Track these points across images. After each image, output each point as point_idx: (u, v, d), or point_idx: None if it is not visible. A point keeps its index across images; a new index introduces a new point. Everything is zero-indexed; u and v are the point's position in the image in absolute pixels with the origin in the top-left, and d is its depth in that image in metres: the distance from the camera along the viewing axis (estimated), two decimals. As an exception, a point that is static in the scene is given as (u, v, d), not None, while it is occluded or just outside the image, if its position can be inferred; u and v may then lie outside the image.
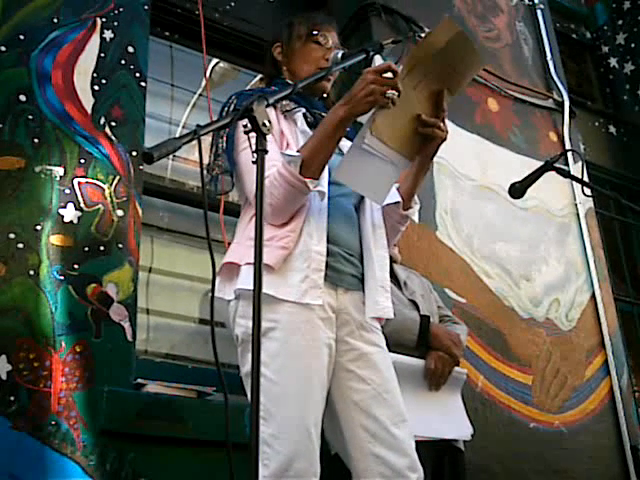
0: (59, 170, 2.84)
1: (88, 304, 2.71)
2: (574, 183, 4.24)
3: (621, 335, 4.20)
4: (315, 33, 2.01)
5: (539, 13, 4.94)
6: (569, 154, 4.34)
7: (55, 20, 3.08)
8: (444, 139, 1.85)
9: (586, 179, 3.35)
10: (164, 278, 3.26)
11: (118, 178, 2.97)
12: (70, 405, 2.53)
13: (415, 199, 2.00)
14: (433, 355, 2.48)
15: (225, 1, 3.85)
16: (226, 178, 1.90)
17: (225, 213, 3.18)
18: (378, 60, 1.98)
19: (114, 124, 3.05)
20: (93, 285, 2.75)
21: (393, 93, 1.66)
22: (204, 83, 3.61)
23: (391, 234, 2.00)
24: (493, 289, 3.70)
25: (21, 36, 2.96)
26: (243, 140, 1.79)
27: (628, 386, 4.00)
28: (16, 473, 2.36)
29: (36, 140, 2.83)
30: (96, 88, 3.06)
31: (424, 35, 3.84)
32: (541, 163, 2.48)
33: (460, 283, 3.57)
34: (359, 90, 1.67)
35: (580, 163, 4.13)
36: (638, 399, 4.43)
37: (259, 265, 1.36)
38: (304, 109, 1.96)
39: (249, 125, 1.44)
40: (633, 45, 6.01)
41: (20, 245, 2.66)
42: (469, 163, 3.97)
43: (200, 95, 3.73)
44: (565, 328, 3.90)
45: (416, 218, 2.03)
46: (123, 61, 3.19)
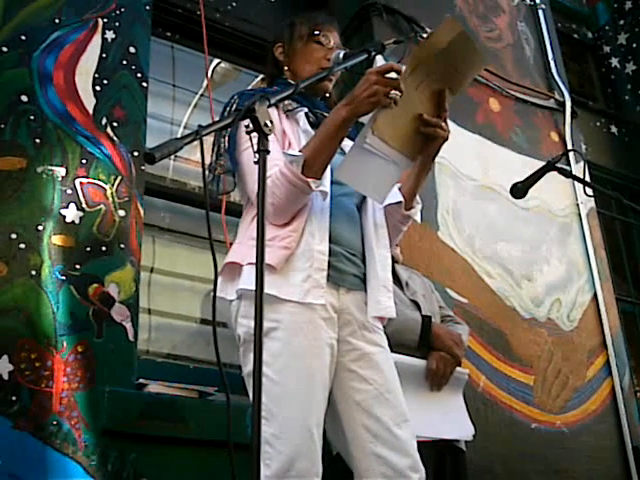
0: (61, 170, 2.85)
1: (90, 304, 2.72)
2: (576, 183, 4.25)
3: (623, 335, 4.20)
4: (317, 33, 2.01)
5: (540, 13, 4.94)
6: (571, 154, 4.34)
7: (57, 20, 3.08)
8: (446, 139, 1.84)
9: (588, 179, 3.34)
10: (166, 278, 3.26)
11: (120, 178, 2.97)
12: (72, 405, 2.53)
13: (417, 199, 1.99)
14: (435, 355, 2.48)
15: (226, 1, 3.85)
16: (228, 178, 1.90)
17: (227, 213, 3.18)
18: (380, 60, 1.97)
19: (116, 124, 3.05)
20: (95, 285, 2.75)
21: (396, 93, 1.66)
22: (205, 83, 3.61)
23: (393, 234, 2.00)
24: (495, 289, 3.70)
25: (23, 36, 2.97)
26: (245, 140, 1.78)
27: (630, 386, 3.99)
28: (17, 473, 2.37)
29: (38, 140, 2.84)
30: (98, 88, 3.07)
31: (426, 35, 3.84)
32: (543, 163, 2.47)
33: (462, 283, 3.57)
34: (362, 91, 1.66)
35: (582, 163, 4.14)
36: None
37: (261, 265, 1.35)
38: (306, 109, 1.96)
39: (251, 125, 1.44)
40: (635, 45, 6.01)
41: (22, 245, 2.66)
42: (471, 163, 3.97)
43: (201, 95, 3.73)
44: (567, 328, 3.90)
45: (418, 218, 2.03)
46: (125, 61, 3.19)
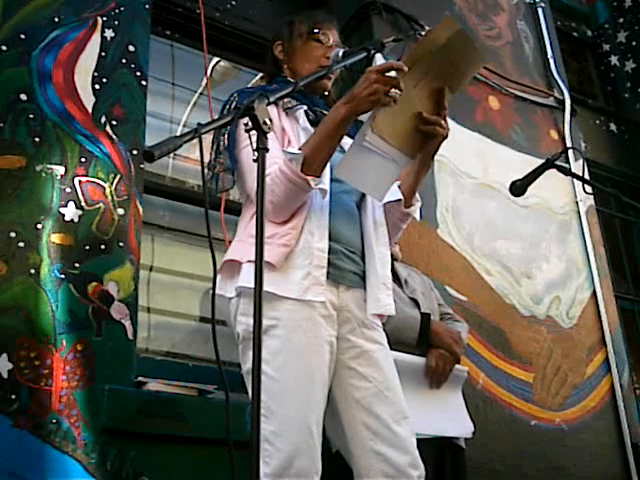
0: (60, 169, 2.84)
1: (89, 303, 2.72)
2: (575, 181, 4.25)
3: (622, 332, 4.20)
4: (316, 31, 2.01)
5: (540, 11, 4.94)
6: (570, 152, 4.35)
7: (56, 19, 3.08)
8: (445, 137, 1.85)
9: (587, 177, 3.35)
10: (165, 276, 3.26)
11: (119, 177, 2.97)
12: (71, 403, 2.53)
13: (416, 197, 2.00)
14: (434, 353, 2.48)
15: (226, 0, 3.85)
16: (227, 176, 1.90)
17: (226, 211, 3.18)
18: (379, 59, 1.97)
19: (115, 123, 3.05)
20: (94, 284, 2.75)
21: (396, 92, 1.66)
22: (205, 82, 3.60)
23: (392, 232, 2.00)
24: (494, 287, 3.71)
25: (22, 35, 2.96)
26: (244, 138, 1.77)
27: (629, 383, 4.00)
28: (17, 471, 2.36)
29: (37, 139, 2.83)
30: (97, 87, 3.06)
31: (424, 33, 3.84)
32: (542, 161, 2.48)
33: (461, 281, 3.57)
34: (362, 89, 1.66)
35: (581, 161, 4.14)
36: (639, 396, 4.43)
37: (260, 263, 1.36)
38: (305, 106, 1.96)
39: (250, 123, 1.44)
40: (634, 43, 6.01)
41: (21, 244, 2.66)
42: (470, 161, 3.97)
43: (201, 94, 3.73)
44: (566, 325, 3.90)
45: (417, 216, 2.03)
46: (124, 60, 3.19)
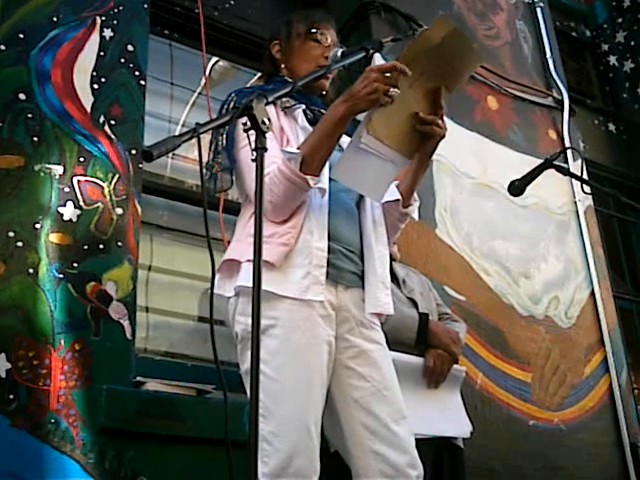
0: (58, 168, 2.84)
1: (87, 302, 2.71)
2: (573, 181, 4.24)
3: (620, 332, 4.21)
4: (314, 31, 2.01)
5: (539, 11, 4.94)
6: (568, 152, 4.35)
7: (55, 19, 3.07)
8: (443, 136, 1.85)
9: (585, 177, 3.34)
10: (163, 276, 3.26)
11: (117, 176, 2.97)
12: (69, 403, 2.52)
13: (415, 196, 2.00)
14: (432, 353, 2.48)
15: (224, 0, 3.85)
16: (225, 176, 1.90)
17: (225, 211, 3.17)
18: (378, 58, 1.97)
19: (113, 122, 3.04)
20: (92, 283, 2.75)
21: (396, 91, 1.66)
22: (204, 82, 3.60)
23: (391, 232, 2.00)
24: (492, 287, 3.71)
25: (20, 35, 2.96)
26: (243, 138, 1.77)
27: (627, 383, 4.00)
28: (15, 471, 2.36)
29: (35, 139, 2.83)
30: (95, 87, 3.06)
31: (418, 33, 3.84)
32: (541, 161, 2.48)
33: (459, 281, 3.57)
34: (361, 87, 1.66)
35: (580, 161, 4.13)
36: (637, 397, 4.43)
37: (258, 262, 1.36)
38: (304, 106, 1.96)
39: (249, 123, 1.44)
40: (633, 43, 6.01)
41: (19, 243, 2.66)
42: (469, 161, 3.97)
43: (200, 94, 3.73)
44: (564, 325, 3.90)
45: (416, 216, 2.03)
46: (123, 60, 3.19)
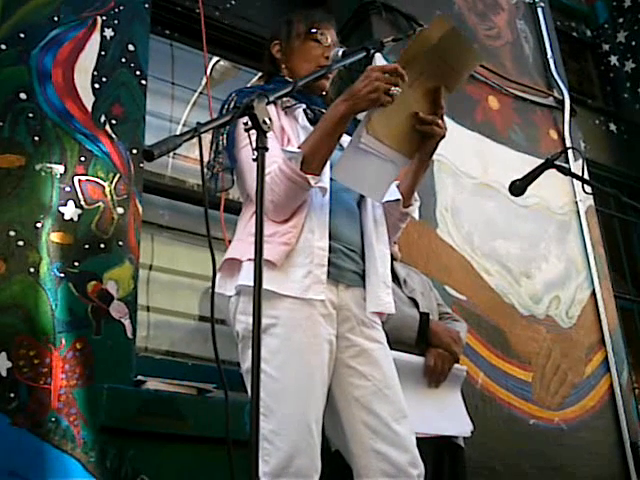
0: (59, 168, 2.84)
1: (88, 301, 2.72)
2: (574, 181, 4.25)
3: (621, 332, 4.21)
4: (314, 31, 2.01)
5: (540, 11, 4.95)
6: (569, 152, 4.35)
7: (55, 18, 3.08)
8: (443, 136, 1.85)
9: (586, 177, 3.35)
10: (164, 275, 3.26)
11: (118, 176, 2.97)
12: (70, 402, 2.53)
13: (415, 196, 2.00)
14: (433, 352, 2.48)
15: (225, -1, 3.85)
16: (226, 176, 1.90)
17: (226, 211, 3.18)
18: (379, 58, 1.97)
19: (114, 122, 3.05)
20: (93, 282, 2.75)
21: (397, 90, 1.66)
22: (204, 81, 3.60)
23: (392, 231, 2.00)
24: (493, 286, 3.71)
25: (21, 34, 2.96)
26: (244, 137, 1.77)
27: (628, 383, 4.00)
28: (16, 470, 2.36)
29: (36, 138, 2.83)
30: (96, 86, 3.06)
31: (417, 32, 3.84)
32: (541, 161, 2.48)
33: (460, 280, 3.57)
34: (362, 86, 1.66)
35: (580, 161, 4.14)
36: (638, 396, 4.43)
37: (259, 262, 1.36)
38: (304, 105, 1.96)
39: (250, 123, 1.44)
40: (634, 43, 6.01)
41: (20, 243, 2.66)
42: (470, 161, 3.97)
43: (200, 93, 3.73)
44: (565, 325, 3.90)
45: (416, 215, 2.03)
46: (123, 59, 3.19)
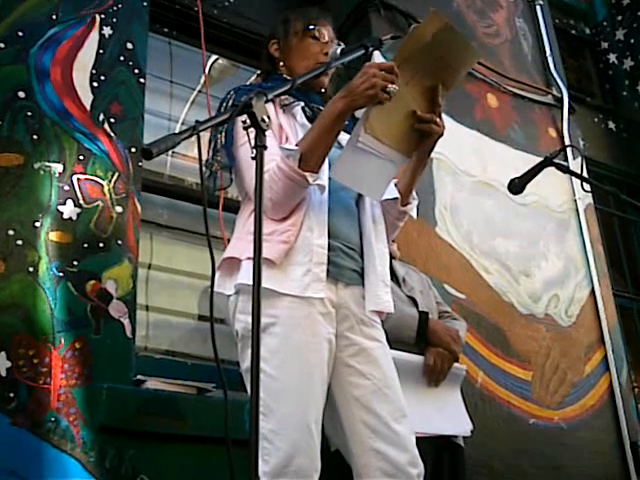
0: (58, 167, 2.84)
1: (87, 300, 2.71)
2: (573, 179, 4.25)
3: (620, 331, 4.21)
4: (311, 28, 2.01)
5: (538, 9, 4.94)
6: (568, 150, 4.34)
7: (54, 17, 3.07)
8: (441, 135, 1.84)
9: (585, 175, 3.34)
10: (163, 275, 3.26)
11: (117, 175, 2.97)
12: (70, 402, 2.53)
13: (413, 195, 1.99)
14: (432, 351, 2.47)
15: (224, -3, 3.85)
16: (225, 174, 1.89)
17: (224, 209, 3.17)
18: (377, 56, 1.97)
19: (113, 120, 3.04)
20: (92, 282, 2.75)
21: (395, 88, 1.65)
22: (203, 80, 3.60)
23: (390, 230, 2.00)
24: (492, 285, 3.71)
25: (20, 33, 2.96)
26: (242, 135, 1.76)
27: (627, 382, 4.00)
28: (15, 469, 2.36)
29: (35, 137, 2.83)
30: (95, 84, 3.06)
31: (411, 29, 3.83)
32: (540, 159, 2.48)
33: (459, 279, 3.57)
34: (360, 83, 1.65)
35: (579, 159, 4.14)
36: (638, 395, 4.43)
37: (258, 260, 1.35)
38: (302, 103, 1.95)
39: (248, 121, 1.44)
40: (632, 41, 6.00)
41: (19, 242, 2.66)
42: (469, 159, 3.97)
43: (199, 92, 3.72)
44: (564, 324, 3.90)
45: (414, 214, 2.03)
46: (122, 57, 3.19)
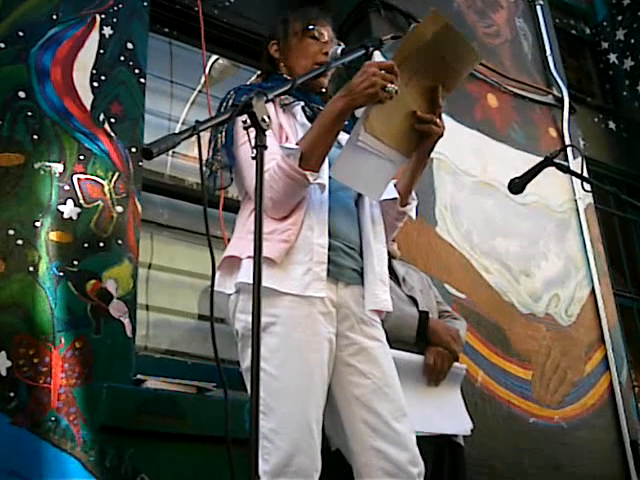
0: (58, 166, 2.84)
1: (88, 300, 2.72)
2: (574, 179, 4.25)
3: (620, 330, 4.21)
4: (311, 28, 2.01)
5: (539, 9, 4.95)
6: (569, 150, 4.35)
7: (54, 17, 3.07)
8: (441, 135, 1.84)
9: (586, 174, 3.35)
10: (163, 274, 3.26)
11: (117, 174, 2.97)
12: (70, 401, 2.53)
13: (413, 195, 1.99)
14: (432, 351, 2.47)
15: (224, -3, 3.85)
16: (225, 174, 1.89)
17: (225, 209, 3.17)
18: (377, 56, 1.97)
19: (113, 120, 3.04)
20: (93, 281, 2.75)
21: (394, 87, 1.65)
22: (203, 80, 3.60)
23: (389, 230, 2.00)
24: (493, 284, 3.71)
25: (20, 33, 2.96)
26: (242, 135, 1.77)
27: (628, 381, 4.01)
28: (16, 469, 2.37)
29: (35, 137, 2.83)
30: (95, 84, 3.06)
31: (411, 28, 3.83)
32: (541, 159, 2.48)
33: (460, 279, 3.57)
34: (360, 82, 1.65)
35: (580, 159, 4.14)
36: (638, 394, 4.43)
37: (259, 260, 1.36)
38: (302, 102, 1.96)
39: (248, 121, 1.44)
40: (633, 41, 6.00)
41: (19, 241, 2.66)
42: (469, 159, 3.97)
43: (199, 92, 3.73)
44: (565, 323, 3.90)
45: (413, 214, 2.02)
46: (122, 57, 3.19)
